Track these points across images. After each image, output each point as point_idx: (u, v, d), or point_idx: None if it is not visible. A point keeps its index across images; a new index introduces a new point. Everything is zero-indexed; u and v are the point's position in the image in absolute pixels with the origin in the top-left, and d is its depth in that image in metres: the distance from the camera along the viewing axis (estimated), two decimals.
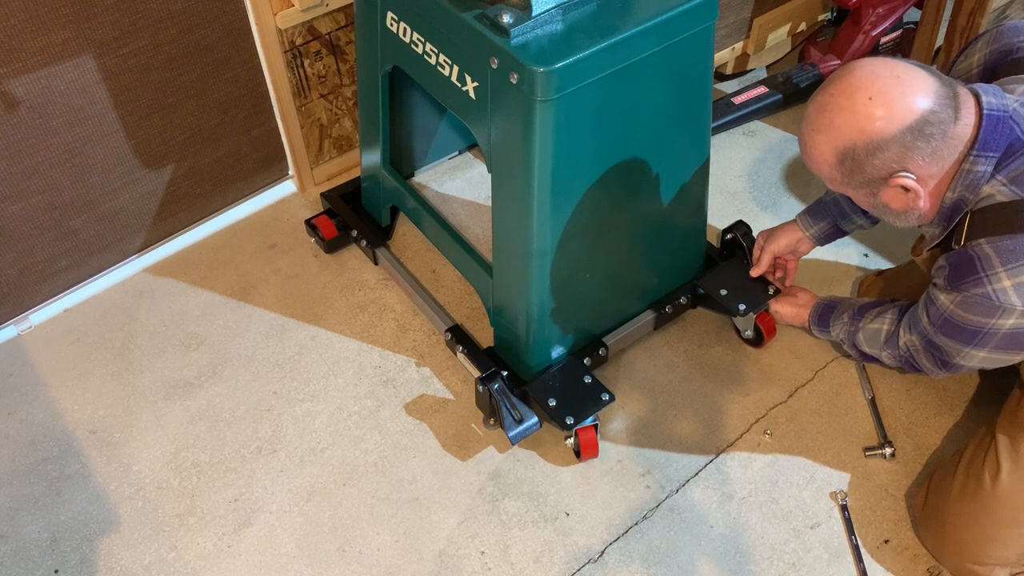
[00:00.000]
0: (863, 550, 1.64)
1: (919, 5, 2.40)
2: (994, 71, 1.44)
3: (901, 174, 1.29)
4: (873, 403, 1.83)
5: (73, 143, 1.85)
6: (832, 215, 1.76)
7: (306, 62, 2.05)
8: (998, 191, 1.29)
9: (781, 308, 1.81)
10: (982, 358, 1.38)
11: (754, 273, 1.86)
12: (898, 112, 1.25)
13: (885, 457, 1.75)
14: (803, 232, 1.80)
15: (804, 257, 2.07)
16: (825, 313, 1.72)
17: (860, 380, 1.87)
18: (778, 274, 1.89)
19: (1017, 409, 1.54)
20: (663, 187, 1.73)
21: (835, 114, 1.29)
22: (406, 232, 2.19)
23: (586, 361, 1.80)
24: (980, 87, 1.31)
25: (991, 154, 1.28)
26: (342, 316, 2.03)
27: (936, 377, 1.54)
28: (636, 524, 1.69)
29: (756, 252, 1.87)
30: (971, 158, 1.29)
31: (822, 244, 1.81)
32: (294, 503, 1.73)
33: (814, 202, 1.80)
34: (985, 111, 1.28)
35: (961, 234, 1.33)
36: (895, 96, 1.25)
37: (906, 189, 1.32)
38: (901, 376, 1.87)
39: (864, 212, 1.72)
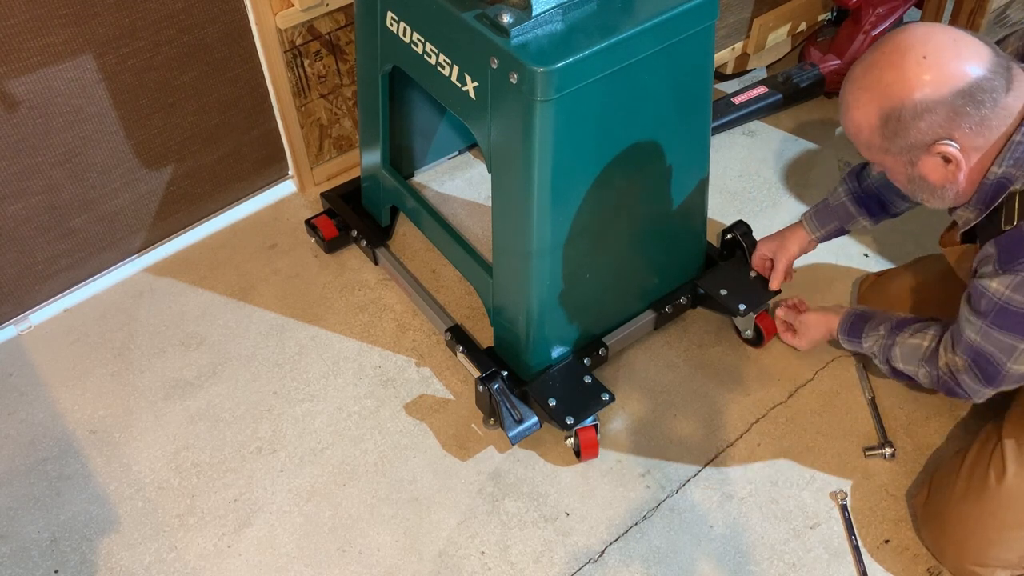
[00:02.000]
0: (863, 550, 1.64)
1: (919, 5, 2.40)
2: None
3: (945, 141, 1.25)
4: (873, 403, 1.83)
5: (73, 143, 1.85)
6: (839, 218, 1.75)
7: (306, 62, 2.05)
8: None
9: (807, 317, 1.74)
10: None
11: (775, 286, 1.83)
12: (951, 74, 1.21)
13: (885, 457, 1.75)
14: (811, 235, 1.79)
15: (804, 259, 2.08)
16: (858, 322, 1.65)
17: (860, 380, 1.87)
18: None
19: None
20: (663, 187, 1.73)
21: (884, 71, 1.24)
22: (406, 232, 2.19)
23: (586, 361, 1.80)
24: None
25: None
26: (342, 316, 2.03)
27: (979, 399, 1.46)
28: (636, 524, 1.69)
29: (760, 261, 1.86)
30: (1023, 130, 1.24)
31: (825, 241, 1.81)
32: (294, 503, 1.73)
33: (819, 206, 1.78)
34: None
35: (1012, 214, 1.27)
36: (949, 57, 1.21)
37: (947, 160, 1.27)
38: None
39: (868, 212, 1.71)
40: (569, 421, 1.67)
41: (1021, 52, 1.43)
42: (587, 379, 1.75)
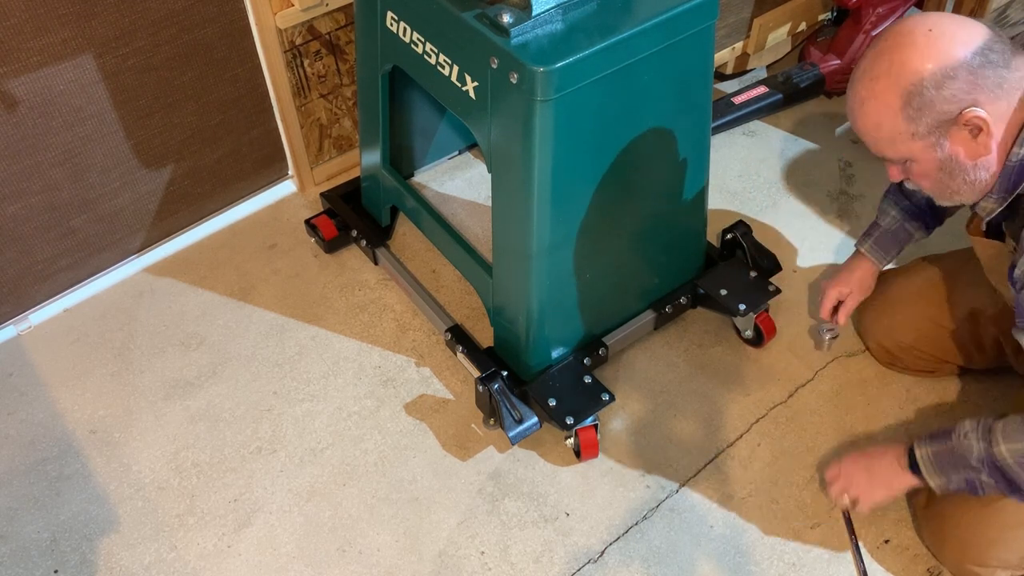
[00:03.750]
0: (863, 550, 1.64)
1: (919, 5, 2.40)
2: None
3: (972, 108, 1.23)
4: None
5: (73, 143, 1.85)
6: (899, 240, 1.72)
7: (306, 62, 2.05)
8: None
9: (873, 469, 1.48)
10: None
11: (844, 321, 1.77)
12: (961, 40, 1.21)
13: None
14: (878, 266, 1.75)
15: (805, 259, 2.08)
16: (937, 432, 1.40)
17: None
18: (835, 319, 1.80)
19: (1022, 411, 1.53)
20: (663, 187, 1.73)
21: (895, 53, 1.24)
22: (406, 232, 2.19)
23: (586, 361, 1.80)
24: None
25: None
26: (342, 316, 2.03)
27: None
28: (636, 524, 1.69)
29: (829, 305, 1.77)
30: None
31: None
32: (294, 503, 1.73)
33: (875, 234, 1.73)
34: None
35: None
36: (954, 27, 1.23)
37: (978, 129, 1.24)
38: (901, 376, 1.87)
39: (924, 225, 1.68)
40: (569, 421, 1.67)
41: None
42: (587, 379, 1.75)
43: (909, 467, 1.41)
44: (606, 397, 1.71)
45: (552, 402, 1.70)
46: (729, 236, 1.95)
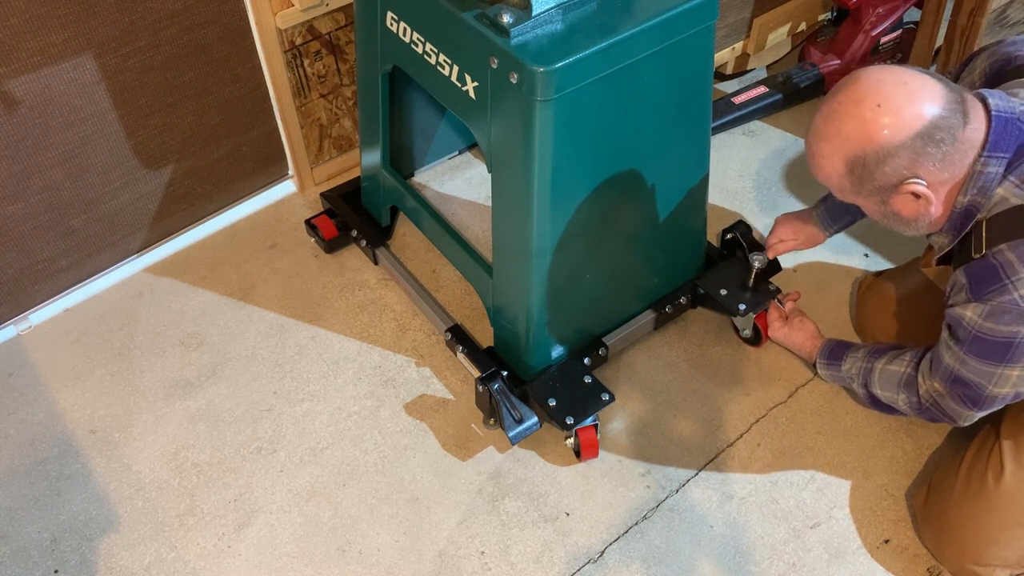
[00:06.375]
0: (863, 550, 1.64)
1: (919, 5, 2.40)
2: (996, 79, 1.44)
3: (912, 181, 1.28)
4: None
5: (73, 143, 1.85)
6: (851, 212, 1.77)
7: (306, 62, 2.06)
8: (1012, 194, 1.27)
9: (792, 334, 1.82)
10: (1016, 378, 1.34)
11: (772, 255, 1.86)
12: (907, 119, 1.24)
13: None
14: (824, 233, 1.81)
15: (804, 259, 2.08)
16: (838, 348, 1.72)
17: None
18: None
19: (1022, 412, 1.53)
20: (663, 187, 1.73)
21: (843, 123, 1.28)
22: (406, 232, 2.19)
23: (586, 361, 1.80)
24: (985, 92, 1.31)
25: (1002, 155, 1.27)
26: (342, 316, 2.03)
27: (965, 423, 1.47)
28: (636, 524, 1.69)
29: (773, 239, 1.86)
30: (982, 160, 1.27)
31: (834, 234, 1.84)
32: (294, 503, 1.73)
33: (829, 202, 1.78)
34: (993, 112, 1.27)
35: (981, 243, 1.31)
36: (903, 103, 1.24)
37: (917, 196, 1.30)
38: None
39: None
40: (569, 421, 1.67)
41: (989, 71, 1.46)
42: (587, 379, 1.75)
43: (820, 351, 1.77)
44: (606, 397, 1.71)
45: (552, 402, 1.70)
46: (729, 236, 1.96)
